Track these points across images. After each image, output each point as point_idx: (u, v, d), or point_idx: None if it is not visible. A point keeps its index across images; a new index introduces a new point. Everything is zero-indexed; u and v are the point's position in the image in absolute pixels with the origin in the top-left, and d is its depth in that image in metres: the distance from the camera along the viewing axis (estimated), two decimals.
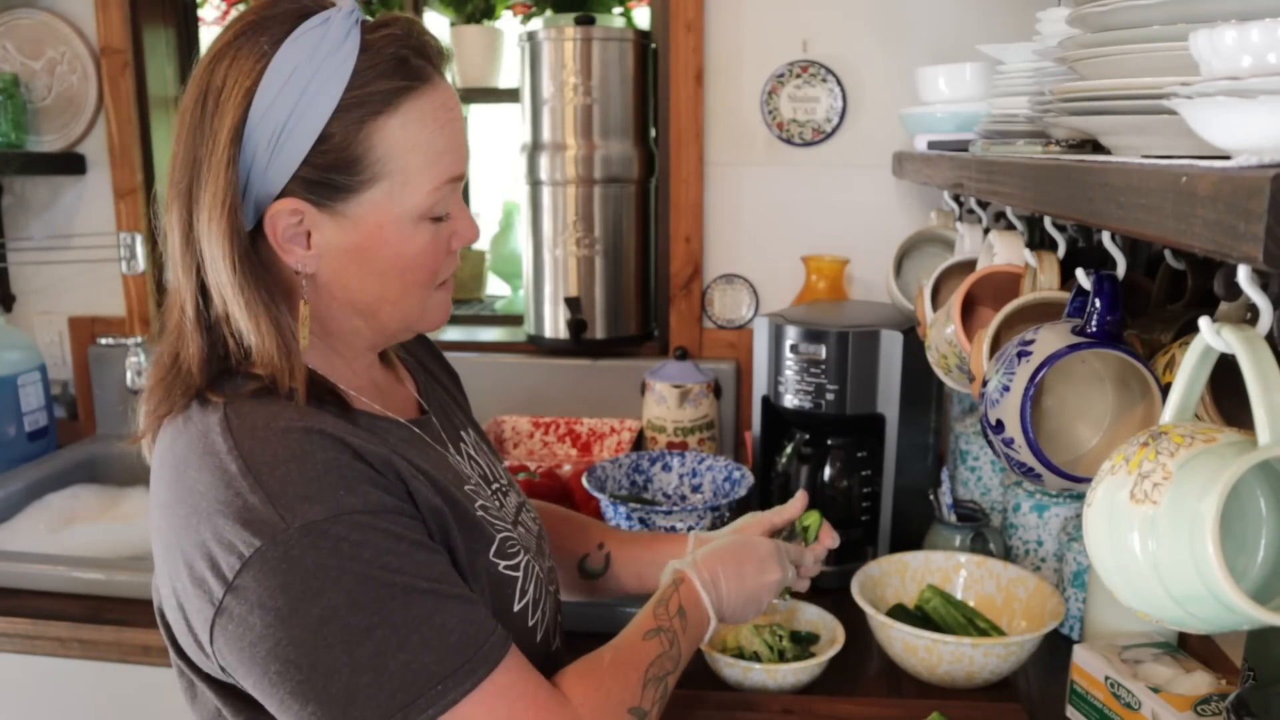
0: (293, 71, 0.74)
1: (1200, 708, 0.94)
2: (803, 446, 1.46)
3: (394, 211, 0.79)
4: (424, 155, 0.79)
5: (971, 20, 1.70)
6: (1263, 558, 0.60)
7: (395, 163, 0.78)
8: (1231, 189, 0.42)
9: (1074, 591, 1.25)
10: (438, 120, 0.80)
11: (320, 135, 0.75)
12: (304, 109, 0.75)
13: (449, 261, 0.87)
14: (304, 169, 0.76)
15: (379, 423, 0.85)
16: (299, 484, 0.72)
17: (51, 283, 2.09)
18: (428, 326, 0.89)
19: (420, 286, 0.84)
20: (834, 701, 1.11)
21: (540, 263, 1.88)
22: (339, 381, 0.86)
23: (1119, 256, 0.91)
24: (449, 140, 0.81)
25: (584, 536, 1.16)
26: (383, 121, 0.77)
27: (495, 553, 0.86)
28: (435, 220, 0.82)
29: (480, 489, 0.92)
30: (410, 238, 0.81)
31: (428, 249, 0.82)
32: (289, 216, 0.78)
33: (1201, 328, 0.61)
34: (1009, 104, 1.07)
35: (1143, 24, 0.64)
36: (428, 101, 0.79)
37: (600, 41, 1.77)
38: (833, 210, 1.82)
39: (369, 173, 0.77)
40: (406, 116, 0.78)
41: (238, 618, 0.72)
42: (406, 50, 0.78)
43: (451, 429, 0.97)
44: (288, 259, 0.79)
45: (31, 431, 1.91)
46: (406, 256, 0.81)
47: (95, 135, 2.01)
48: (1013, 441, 0.87)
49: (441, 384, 1.05)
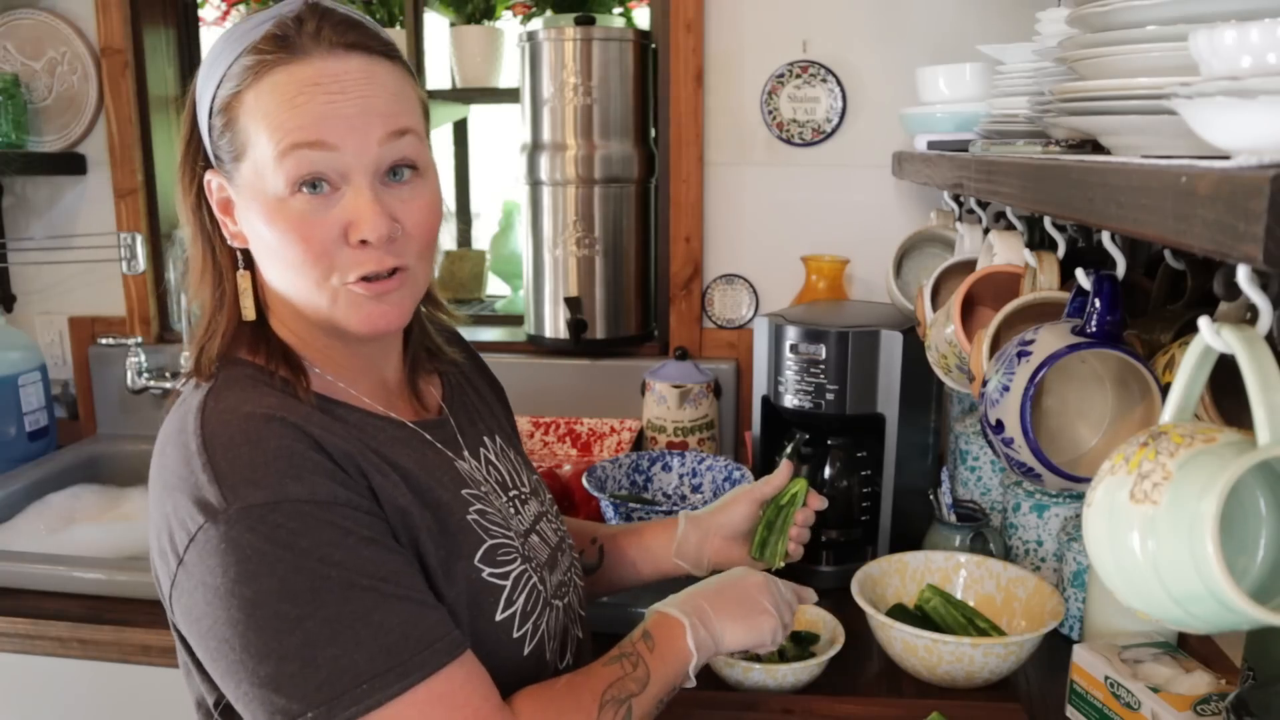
0: (217, 49, 0.81)
1: (1200, 708, 0.94)
2: (803, 446, 1.46)
3: (259, 185, 0.79)
4: (270, 126, 0.77)
5: (971, 20, 1.70)
6: (1262, 558, 0.60)
7: (252, 134, 0.78)
8: (1231, 189, 0.42)
9: (1074, 591, 1.25)
10: (292, 94, 0.77)
11: (212, 108, 0.80)
12: (205, 83, 0.81)
13: (352, 255, 0.79)
14: (210, 141, 0.82)
15: (369, 419, 0.85)
16: (246, 468, 0.74)
17: (52, 283, 2.09)
18: (354, 325, 0.82)
19: (303, 269, 0.79)
20: (834, 701, 1.11)
21: (540, 263, 1.88)
22: (329, 372, 0.86)
23: (1119, 256, 0.91)
24: (306, 112, 0.77)
25: (580, 536, 1.17)
26: (244, 95, 0.78)
27: (481, 559, 0.85)
28: (311, 197, 0.78)
29: (490, 495, 0.91)
30: (277, 211, 0.78)
31: (298, 229, 0.78)
32: (216, 189, 0.83)
33: (1201, 328, 0.61)
34: (1009, 104, 1.07)
35: (1142, 24, 0.64)
36: (286, 74, 0.77)
37: (600, 41, 1.77)
38: (833, 210, 1.82)
39: (237, 145, 0.79)
40: (260, 90, 0.78)
41: (185, 591, 0.74)
42: (287, 28, 0.78)
43: (474, 434, 0.97)
44: (224, 230, 0.84)
45: (32, 431, 1.91)
46: (276, 230, 0.79)
47: (95, 135, 2.01)
48: (1013, 441, 0.87)
49: (477, 391, 1.05)
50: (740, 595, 0.98)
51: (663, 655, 0.89)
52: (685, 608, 0.94)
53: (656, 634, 0.91)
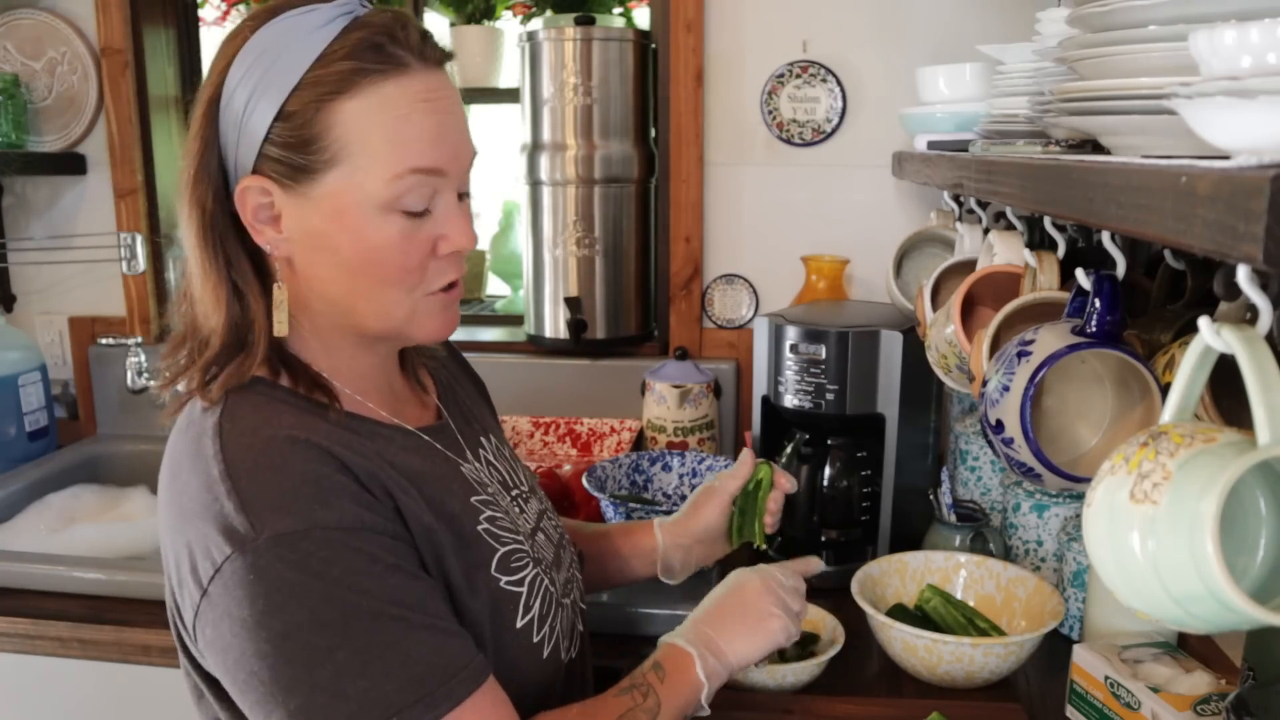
0: (264, 50, 0.76)
1: (1200, 707, 0.94)
2: (803, 446, 1.46)
3: (355, 196, 0.77)
4: (385, 140, 0.76)
5: (971, 20, 1.70)
6: (1262, 557, 0.60)
7: (355, 145, 0.76)
8: (1231, 189, 0.42)
9: (1074, 591, 1.25)
10: (404, 108, 0.77)
11: (280, 113, 0.76)
12: (266, 85, 0.76)
13: (439, 266, 0.82)
14: (268, 145, 0.77)
15: (382, 430, 0.84)
16: (274, 494, 0.72)
17: (52, 283, 2.09)
18: (423, 335, 0.85)
19: (392, 285, 0.80)
20: (834, 701, 1.11)
21: (540, 263, 1.88)
22: (346, 385, 0.85)
23: (1119, 256, 0.91)
24: (419, 130, 0.77)
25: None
26: (340, 103, 0.75)
27: (497, 568, 0.85)
28: (410, 215, 0.78)
29: (496, 497, 0.91)
30: (374, 228, 0.78)
31: (395, 244, 0.78)
32: (258, 195, 0.78)
33: (1201, 328, 0.61)
34: (1009, 104, 1.07)
35: (1142, 24, 0.64)
36: (396, 87, 0.76)
37: (600, 41, 1.77)
38: (833, 210, 1.82)
39: (328, 153, 0.76)
40: (366, 100, 0.76)
41: (211, 623, 0.73)
42: (383, 38, 0.77)
43: (471, 435, 0.96)
44: (259, 239, 0.80)
45: (32, 431, 1.91)
46: (371, 249, 0.78)
47: (95, 135, 2.01)
48: (1013, 441, 0.87)
49: (463, 388, 1.04)
50: (742, 608, 0.98)
51: (673, 685, 0.90)
52: (692, 637, 0.94)
53: (667, 665, 0.91)
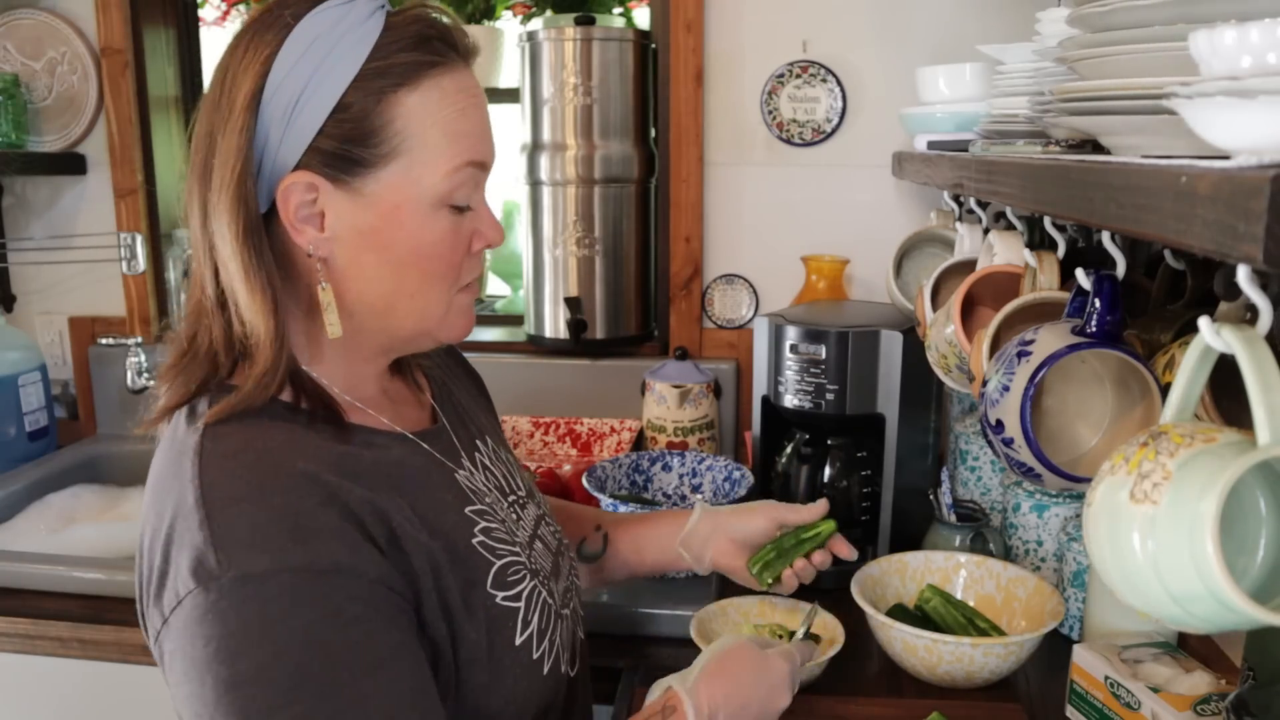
0: (314, 40, 0.73)
1: (1200, 708, 0.94)
2: (803, 446, 1.46)
3: (412, 191, 0.76)
4: (444, 133, 0.76)
5: (971, 20, 1.70)
6: (1262, 557, 0.60)
7: (415, 139, 0.75)
8: (1231, 189, 0.42)
9: (1074, 591, 1.25)
10: (460, 102, 0.77)
11: (338, 104, 0.73)
12: (323, 76, 0.73)
13: (471, 263, 0.83)
14: (320, 140, 0.74)
15: (378, 438, 0.81)
16: (247, 528, 0.68)
17: (52, 283, 2.09)
18: (449, 334, 0.84)
19: (440, 280, 0.80)
20: (834, 701, 1.11)
21: (540, 263, 1.88)
22: (344, 390, 0.83)
23: (1119, 256, 0.91)
24: (472, 124, 0.79)
25: (580, 522, 1.15)
26: (403, 95, 0.75)
27: (493, 583, 0.81)
28: (456, 210, 0.79)
29: (494, 505, 0.88)
30: (428, 223, 0.77)
31: (447, 239, 0.79)
32: (304, 192, 0.75)
33: (1201, 328, 0.61)
34: (1009, 104, 1.07)
35: (1143, 24, 0.64)
36: (451, 81, 0.77)
37: (600, 41, 1.77)
38: (833, 210, 1.82)
39: (387, 146, 0.75)
40: (427, 93, 0.75)
41: (168, 652, 0.70)
42: (431, 30, 0.77)
43: (466, 438, 0.93)
44: (299, 239, 0.76)
45: (32, 431, 1.91)
46: (424, 244, 0.78)
47: (95, 135, 2.01)
48: (1013, 441, 0.87)
49: (460, 386, 1.02)
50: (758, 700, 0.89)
51: None
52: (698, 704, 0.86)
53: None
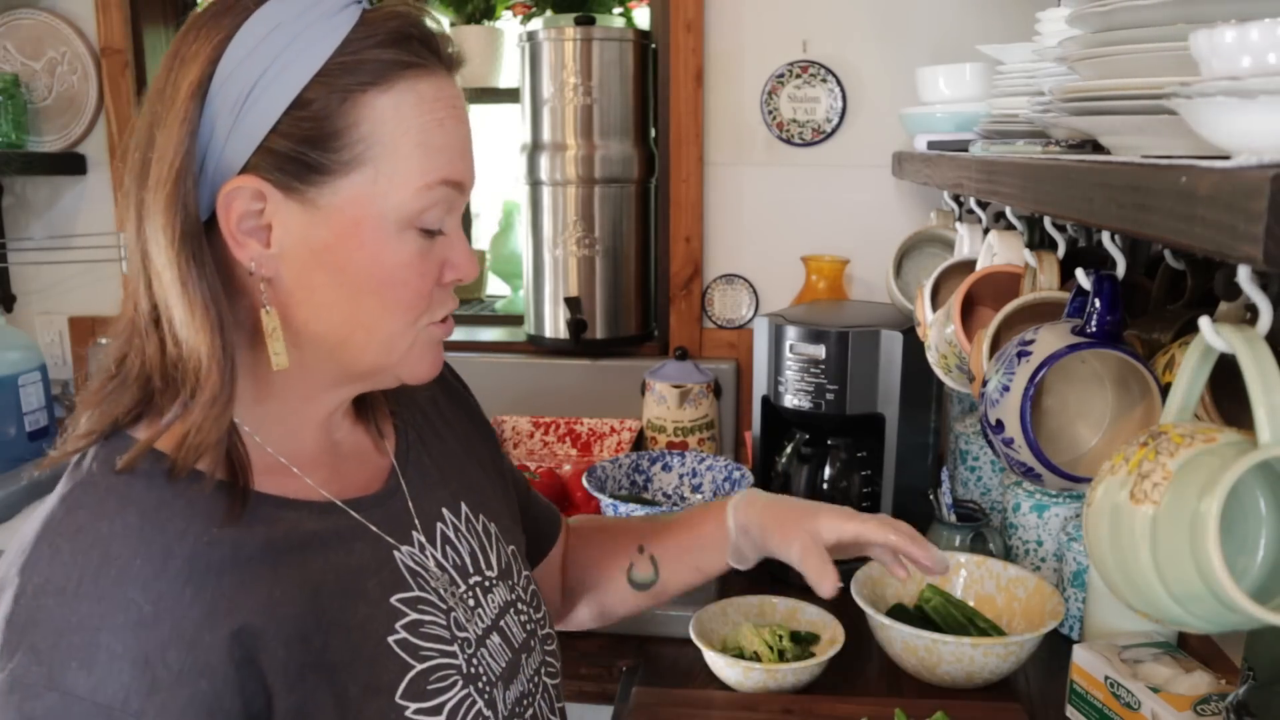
0: (275, 27, 0.64)
1: (1200, 708, 0.94)
2: (803, 446, 1.46)
3: (375, 207, 0.66)
4: (417, 144, 0.66)
5: (971, 20, 1.70)
6: (1262, 557, 0.60)
7: (383, 147, 0.65)
8: (1231, 189, 0.42)
9: (1074, 591, 1.25)
10: (438, 112, 0.68)
11: (296, 100, 0.63)
12: (281, 67, 0.63)
13: (441, 296, 0.72)
14: (274, 139, 0.64)
15: (288, 511, 0.68)
16: (41, 629, 0.58)
17: (52, 283, 2.09)
18: (412, 373, 0.73)
19: (403, 311, 0.69)
20: (834, 701, 1.11)
21: (540, 263, 1.88)
22: (277, 440, 0.71)
23: (1119, 256, 0.91)
24: (450, 138, 0.69)
25: (621, 545, 1.02)
26: (373, 96, 0.65)
27: (405, 693, 0.69)
28: (426, 234, 0.69)
29: (438, 592, 0.76)
30: (392, 245, 0.67)
31: (413, 266, 0.68)
32: (249, 200, 0.65)
33: (1201, 328, 0.61)
34: (1009, 104, 1.07)
35: (1143, 24, 0.64)
36: (430, 87, 0.67)
37: (600, 41, 1.77)
38: (833, 210, 1.82)
39: (350, 153, 0.65)
40: (401, 96, 0.66)
41: None
42: (412, 29, 0.67)
43: (431, 503, 0.80)
44: (239, 253, 0.65)
45: (32, 431, 1.91)
46: (386, 268, 0.67)
47: (95, 135, 2.02)
48: (1013, 441, 0.87)
49: (452, 436, 0.89)
50: None
51: None
52: None
53: None
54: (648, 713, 1.07)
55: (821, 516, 0.93)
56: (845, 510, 0.95)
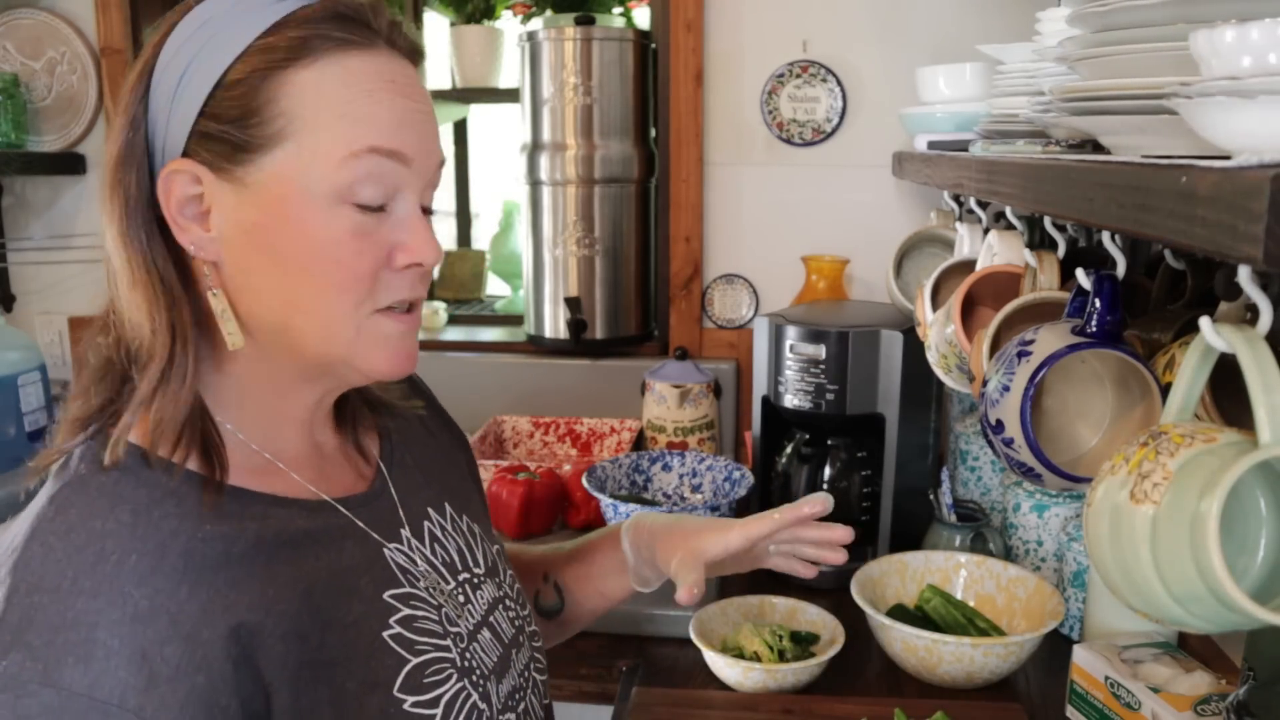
0: (209, 18, 0.67)
1: (1200, 708, 0.94)
2: (803, 446, 1.46)
3: (300, 182, 0.65)
4: (340, 115, 0.65)
5: (971, 20, 1.70)
6: (1263, 558, 0.60)
7: (303, 120, 0.65)
8: (1231, 189, 0.42)
9: (1074, 591, 1.25)
10: (369, 85, 0.67)
11: (222, 80, 0.65)
12: (209, 51, 0.66)
13: (393, 280, 0.69)
14: (204, 123, 0.65)
15: (279, 508, 0.69)
16: (36, 626, 0.58)
17: (51, 283, 2.09)
18: (370, 366, 0.70)
19: (339, 293, 0.67)
20: (834, 701, 1.11)
21: (540, 263, 1.88)
22: (261, 440, 0.72)
23: (1119, 256, 0.92)
24: (379, 109, 0.67)
25: (530, 574, 1.02)
26: (294, 71, 0.65)
27: (402, 686, 0.70)
28: (364, 210, 0.67)
29: (431, 588, 0.77)
30: (322, 221, 0.66)
31: (346, 243, 0.66)
32: (187, 184, 0.66)
33: (1201, 328, 0.61)
34: (1009, 104, 1.07)
35: (1143, 24, 0.64)
36: (362, 63, 0.67)
37: (600, 41, 1.77)
38: (833, 210, 1.83)
39: (271, 128, 0.65)
40: (325, 71, 0.65)
41: None
42: (346, 10, 0.67)
43: (417, 504, 0.81)
44: (181, 238, 0.67)
45: (31, 431, 1.91)
46: (316, 245, 0.66)
47: (95, 135, 2.02)
48: (1013, 441, 0.87)
49: (435, 445, 0.91)
50: None
51: None
52: None
53: None
54: (648, 713, 1.07)
55: (705, 533, 0.94)
56: (728, 523, 0.95)
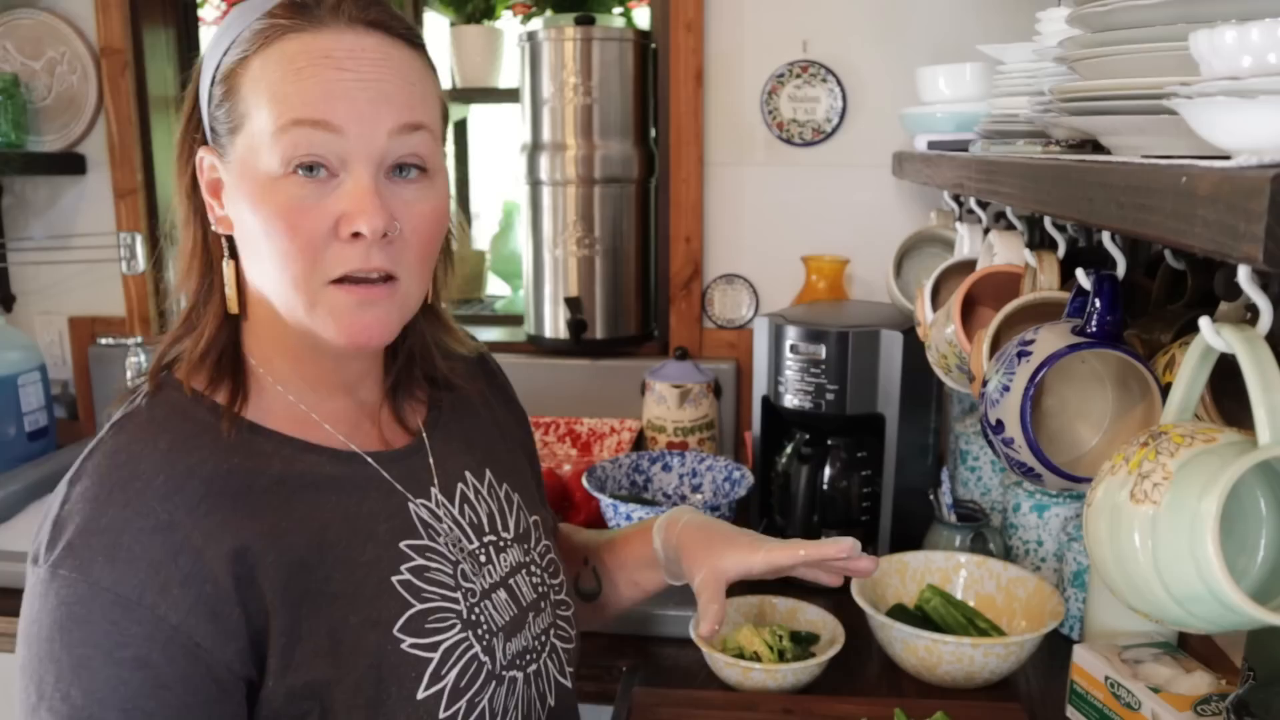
0: (227, 20, 0.76)
1: (1200, 708, 0.94)
2: (803, 446, 1.46)
3: (252, 160, 0.72)
4: (271, 96, 0.71)
5: (971, 20, 1.70)
6: (1263, 558, 0.60)
7: (251, 104, 0.72)
8: (1231, 189, 0.42)
9: (1074, 591, 1.25)
10: (299, 63, 0.71)
11: (213, 77, 0.74)
12: (212, 52, 0.75)
13: (344, 251, 0.72)
14: (210, 112, 0.75)
15: (307, 454, 0.77)
16: (78, 528, 0.68)
17: (51, 283, 2.09)
18: (329, 335, 0.74)
19: (289, 261, 0.71)
20: (834, 701, 1.10)
21: (540, 263, 1.88)
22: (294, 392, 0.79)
23: (1119, 256, 0.92)
24: (312, 84, 0.71)
25: (572, 557, 1.07)
26: (249, 61, 0.72)
27: (403, 627, 0.75)
28: (306, 183, 0.71)
29: (450, 544, 0.82)
30: (267, 194, 0.71)
31: (284, 214, 0.71)
32: (208, 170, 0.76)
33: (1201, 328, 0.61)
34: (1009, 104, 1.07)
35: (1143, 24, 0.64)
36: (298, 43, 0.71)
37: (600, 41, 1.77)
38: (833, 210, 1.82)
39: (236, 114, 0.73)
40: (269, 58, 0.71)
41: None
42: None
43: (454, 465, 0.87)
44: (209, 214, 0.77)
45: (31, 431, 1.91)
46: (262, 218, 0.71)
47: (95, 135, 2.01)
48: (1013, 441, 0.87)
49: (489, 418, 0.96)
50: None
51: None
52: None
53: None
54: (648, 713, 1.07)
55: (729, 552, 0.95)
56: (754, 542, 0.96)
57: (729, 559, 0.95)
